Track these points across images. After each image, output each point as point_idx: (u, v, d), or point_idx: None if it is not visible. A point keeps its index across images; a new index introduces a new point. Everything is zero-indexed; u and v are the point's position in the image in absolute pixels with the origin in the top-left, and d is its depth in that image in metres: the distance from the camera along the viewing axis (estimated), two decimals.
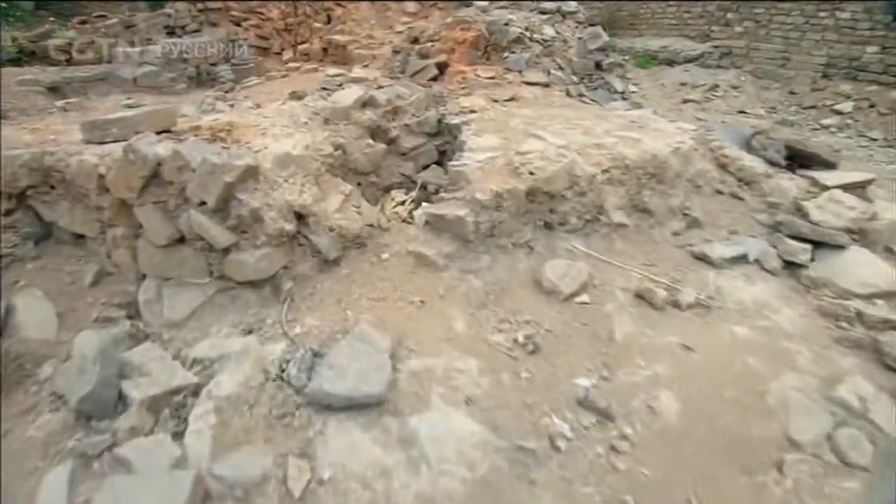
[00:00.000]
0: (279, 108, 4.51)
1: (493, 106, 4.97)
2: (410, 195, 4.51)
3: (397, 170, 4.85)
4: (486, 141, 3.91)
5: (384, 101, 4.99)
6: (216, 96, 5.92)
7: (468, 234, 3.27)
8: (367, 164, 4.48)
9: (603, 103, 6.18)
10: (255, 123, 3.76)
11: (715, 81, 10.10)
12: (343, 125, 4.56)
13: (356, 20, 10.46)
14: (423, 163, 5.04)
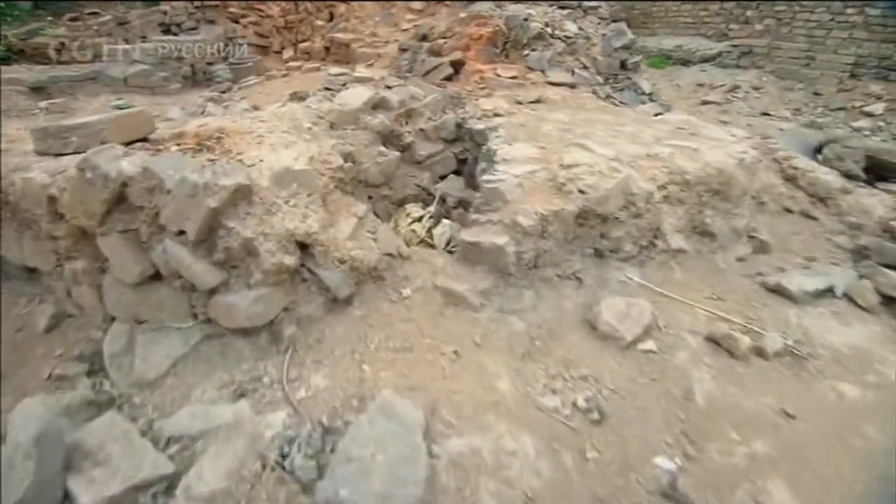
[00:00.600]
0: (278, 111, 3.88)
1: (520, 109, 4.33)
2: (428, 210, 3.88)
3: (412, 180, 4.22)
4: (521, 150, 3.28)
5: (396, 102, 4.36)
6: (209, 97, 5.28)
7: (508, 266, 2.65)
8: (379, 176, 3.84)
9: (632, 105, 5.55)
10: (251, 129, 3.13)
11: (735, 82, 9.48)
12: (351, 130, 3.93)
13: (359, 18, 9.80)
14: (441, 172, 4.41)
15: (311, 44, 9.69)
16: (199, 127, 3.11)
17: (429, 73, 5.56)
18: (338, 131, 3.85)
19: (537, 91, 4.90)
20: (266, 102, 6.23)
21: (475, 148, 4.15)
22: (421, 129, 4.41)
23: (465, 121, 4.40)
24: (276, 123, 3.44)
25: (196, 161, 2.33)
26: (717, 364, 2.50)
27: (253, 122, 3.39)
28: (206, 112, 4.26)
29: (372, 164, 3.76)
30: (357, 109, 4.02)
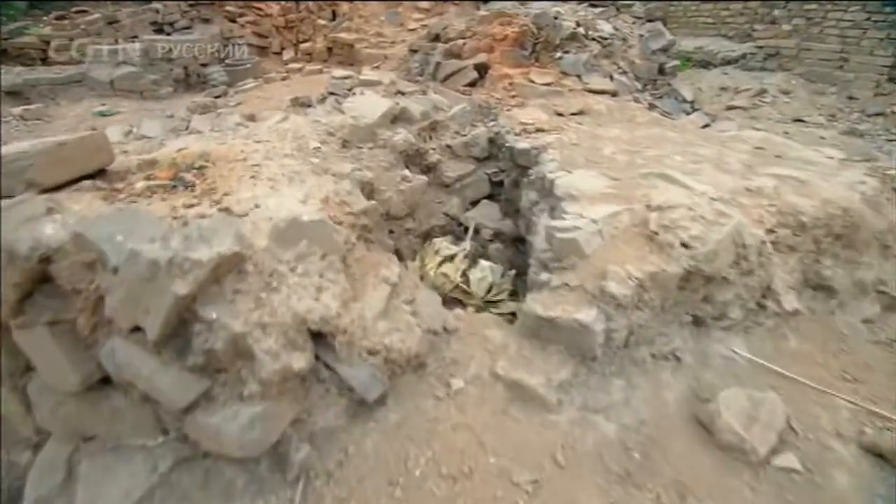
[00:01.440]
0: (279, 126, 3.11)
1: (565, 123, 3.58)
2: (462, 247, 3.13)
3: (438, 208, 3.47)
4: (587, 181, 2.53)
5: (419, 114, 3.60)
6: (200, 103, 4.48)
7: (594, 348, 1.90)
8: (403, 206, 3.09)
9: (675, 115, 4.80)
10: (244, 155, 2.37)
11: (761, 85, 8.74)
12: (368, 150, 3.17)
13: (364, 17, 8.99)
14: (472, 197, 3.66)
15: (312, 44, 8.87)
16: (178, 152, 2.35)
17: (449, 78, 4.79)
18: (351, 151, 3.09)
19: (577, 100, 4.14)
20: (264, 109, 5.45)
21: (515, 169, 3.39)
22: (448, 145, 3.66)
23: (499, 136, 3.64)
24: (277, 145, 2.68)
25: (159, 217, 1.57)
26: (891, 493, 1.76)
27: (247, 143, 2.63)
28: (191, 127, 3.47)
29: (394, 193, 3.01)
30: (374, 124, 3.26)
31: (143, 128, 3.32)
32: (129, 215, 1.49)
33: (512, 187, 3.44)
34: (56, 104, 6.84)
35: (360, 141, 3.17)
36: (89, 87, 7.21)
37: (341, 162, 2.84)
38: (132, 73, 6.98)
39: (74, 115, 6.22)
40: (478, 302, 2.87)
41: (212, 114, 3.99)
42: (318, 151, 2.85)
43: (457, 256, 3.06)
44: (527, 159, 3.14)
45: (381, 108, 3.34)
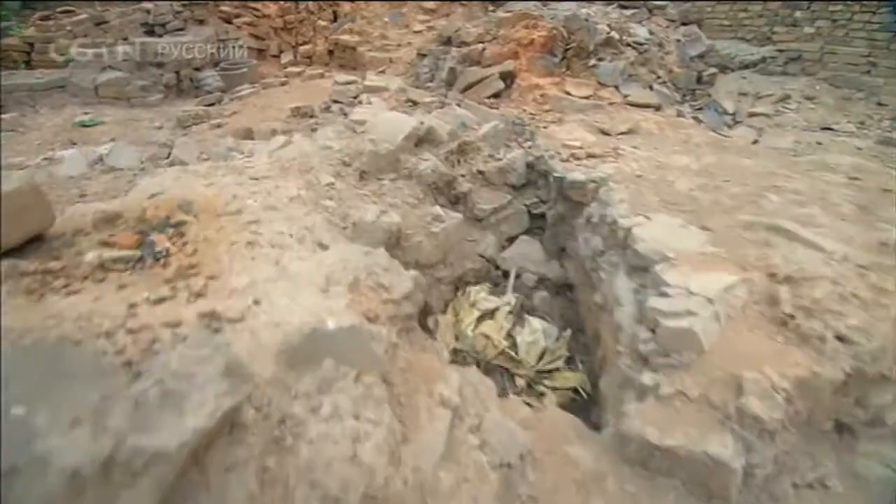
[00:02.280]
0: (281, 152, 2.52)
1: (619, 147, 3.00)
2: (506, 302, 2.56)
3: (472, 248, 2.89)
4: (677, 235, 1.95)
5: (446, 134, 3.01)
6: (188, 116, 3.87)
7: (729, 489, 1.33)
8: (436, 252, 2.51)
9: (717, 128, 4.23)
10: (236, 207, 1.77)
11: (784, 91, 8.18)
12: (390, 182, 2.60)
13: (366, 18, 8.36)
14: (509, 233, 3.08)
15: (312, 47, 8.23)
16: (151, 198, 1.76)
17: (471, 88, 4.19)
18: (371, 185, 2.51)
19: (622, 115, 3.57)
20: (262, 120, 4.85)
21: (561, 202, 2.82)
22: (479, 171, 3.08)
23: (540, 160, 3.06)
24: (280, 183, 2.09)
25: (98, 350, 0.97)
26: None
27: (242, 182, 2.04)
28: (173, 156, 2.85)
29: (425, 237, 2.43)
30: (396, 149, 2.67)
31: (114, 156, 2.69)
32: (47, 357, 0.90)
33: (557, 222, 2.87)
34: (35, 112, 6.19)
35: (381, 171, 2.58)
36: (72, 93, 6.56)
37: (361, 202, 2.25)
38: (118, 78, 6.33)
39: (52, 126, 5.58)
40: (528, 372, 2.30)
41: (199, 135, 3.37)
42: (331, 189, 2.27)
43: (499, 311, 2.48)
44: (581, 194, 2.56)
45: (404, 129, 2.75)
